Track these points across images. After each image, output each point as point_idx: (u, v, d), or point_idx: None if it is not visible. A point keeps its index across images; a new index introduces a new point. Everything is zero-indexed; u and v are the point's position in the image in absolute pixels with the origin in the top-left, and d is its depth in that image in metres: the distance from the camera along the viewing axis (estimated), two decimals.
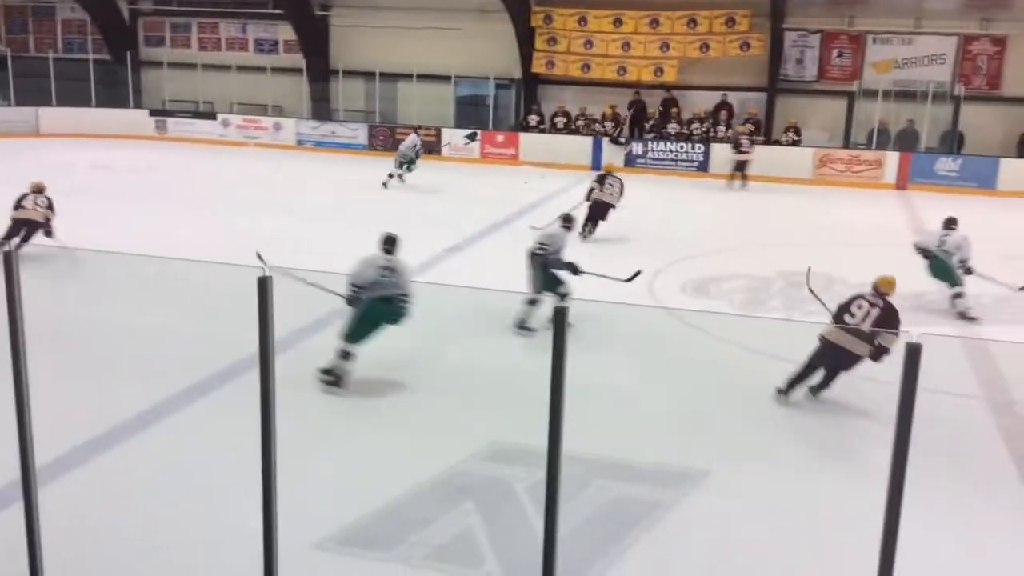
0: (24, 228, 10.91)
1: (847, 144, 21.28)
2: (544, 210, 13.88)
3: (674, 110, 22.30)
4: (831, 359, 7.00)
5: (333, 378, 7.08)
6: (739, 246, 13.40)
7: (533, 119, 22.97)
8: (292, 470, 4.26)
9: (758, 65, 21.70)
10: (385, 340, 7.20)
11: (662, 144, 21.81)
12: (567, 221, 9.31)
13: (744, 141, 19.62)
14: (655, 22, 22.00)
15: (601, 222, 13.69)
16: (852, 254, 12.99)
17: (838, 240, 13.96)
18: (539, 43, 23.06)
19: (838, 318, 7.08)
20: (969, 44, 20.72)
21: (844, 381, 7.11)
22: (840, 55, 21.65)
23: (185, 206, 15.17)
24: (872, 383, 6.88)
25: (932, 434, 6.66)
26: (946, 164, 19.96)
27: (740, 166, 19.45)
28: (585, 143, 22.05)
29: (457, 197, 17.55)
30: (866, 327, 6.83)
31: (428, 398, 7.16)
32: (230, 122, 24.94)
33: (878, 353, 6.74)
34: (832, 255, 12.69)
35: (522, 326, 8.60)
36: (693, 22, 21.69)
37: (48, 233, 10.95)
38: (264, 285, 3.48)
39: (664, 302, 10.21)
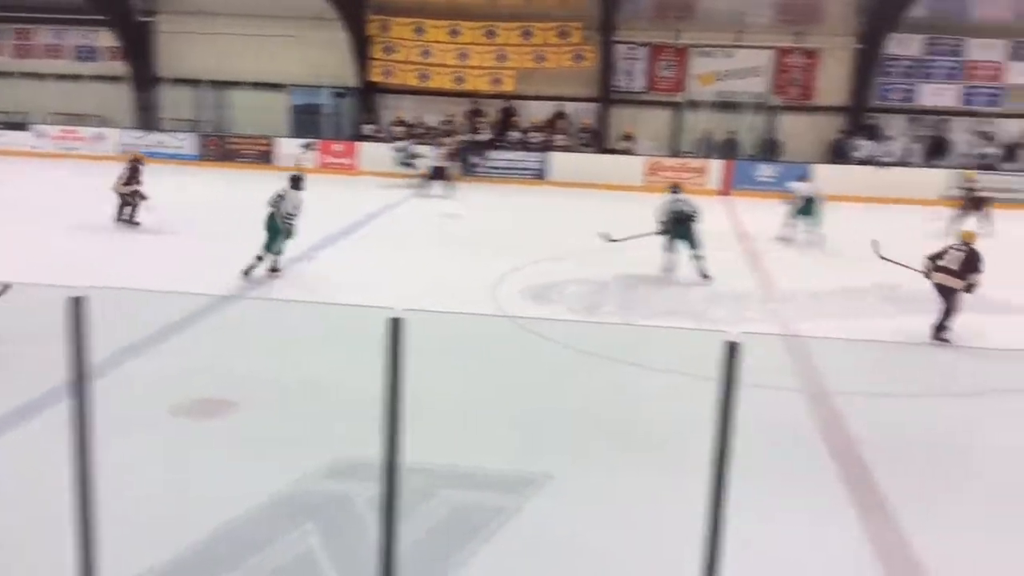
0: None
1: (675, 152, 22.23)
2: (383, 220, 13.76)
3: (513, 119, 22.67)
4: (940, 296, 9.20)
5: (247, 270, 10.70)
6: (576, 252, 13.73)
7: (370, 128, 22.78)
8: (118, 497, 4.02)
9: (591, 76, 22.35)
10: (219, 356, 6.94)
11: (502, 153, 22.11)
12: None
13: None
14: (491, 33, 22.29)
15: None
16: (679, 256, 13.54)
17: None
18: (376, 52, 22.91)
19: (935, 264, 9.38)
20: (784, 57, 22.07)
21: (690, 378, 7.39)
22: (667, 67, 22.59)
23: None
24: (709, 382, 7.17)
25: (754, 427, 7.04)
26: (765, 170, 21.18)
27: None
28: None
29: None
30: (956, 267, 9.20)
31: (264, 415, 6.95)
32: (45, 133, 23.47)
33: (969, 288, 9.06)
34: (664, 258, 13.19)
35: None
36: (528, 33, 22.11)
37: None
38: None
39: (505, 309, 10.32)
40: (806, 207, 15.12)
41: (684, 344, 8.44)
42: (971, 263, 9.24)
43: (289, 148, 22.75)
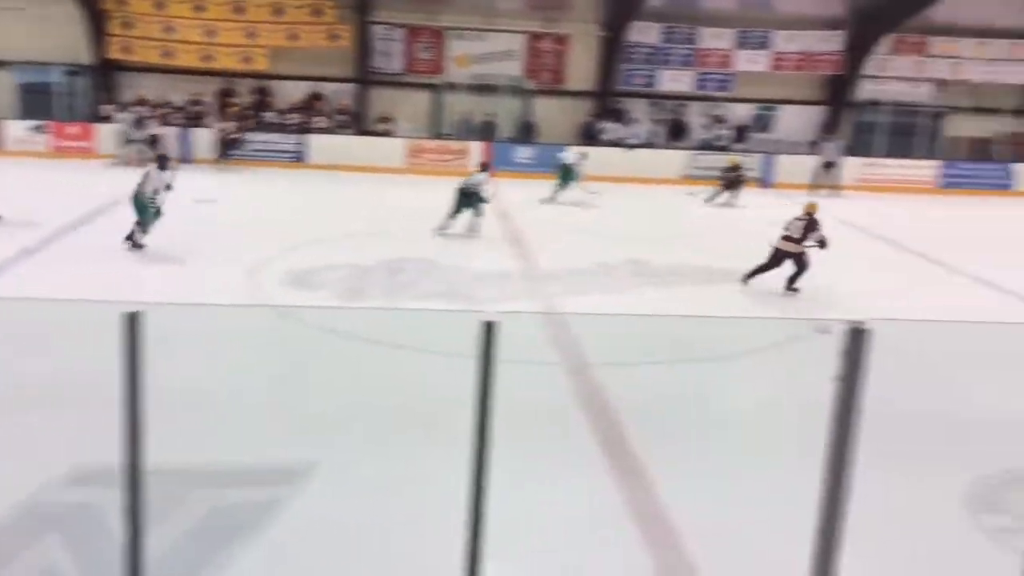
0: None
1: (435, 135, 22.36)
2: (124, 206, 12.78)
3: (268, 100, 21.86)
4: (779, 258, 11.22)
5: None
6: (339, 236, 13.48)
7: (109, 109, 21.15)
8: None
9: (347, 57, 21.97)
10: None
11: (258, 135, 21.27)
12: None
13: None
14: (239, 9, 21.32)
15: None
16: (446, 238, 13.68)
17: (431, 227, 14.60)
18: (113, 27, 21.26)
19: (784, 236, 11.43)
20: (536, 42, 22.74)
21: (454, 357, 7.44)
22: (425, 50, 22.63)
23: None
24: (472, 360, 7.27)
25: (518, 402, 7.23)
26: (523, 152, 21.80)
27: None
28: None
29: (26, 194, 15.62)
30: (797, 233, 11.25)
31: None
32: None
33: (819, 244, 11.18)
34: (428, 240, 13.27)
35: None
36: (279, 11, 21.36)
37: None
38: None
39: (264, 297, 9.95)
40: (565, 173, 17.91)
41: (448, 326, 8.50)
42: (810, 228, 11.22)
43: (16, 131, 20.71)
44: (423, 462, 6.06)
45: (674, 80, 22.85)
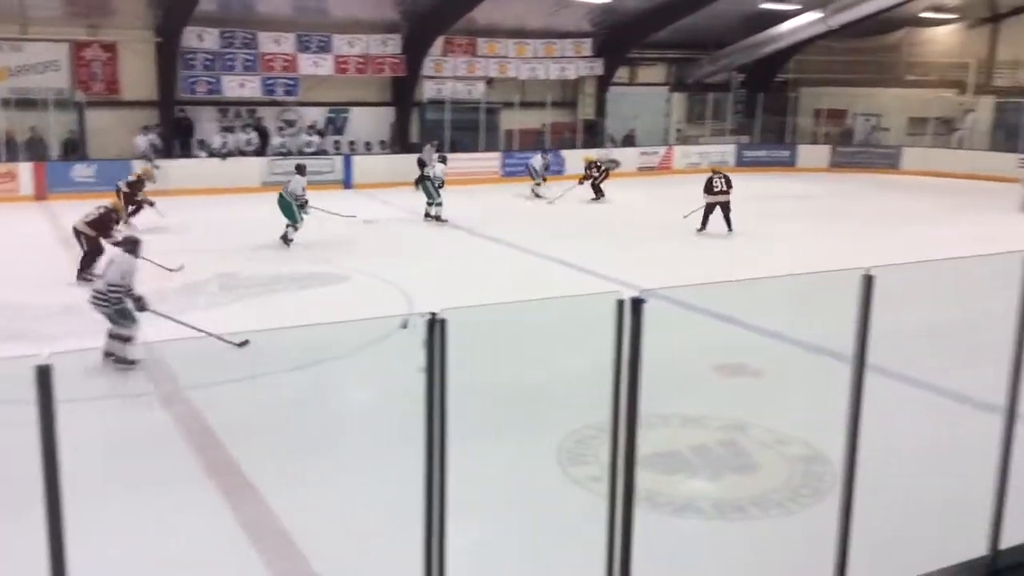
0: None
1: None
2: None
3: None
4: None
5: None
6: None
7: None
8: None
9: None
10: None
11: None
12: None
13: None
14: None
15: None
16: (2, 272, 12.17)
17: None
18: None
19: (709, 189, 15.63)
20: (82, 51, 20.86)
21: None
22: None
23: None
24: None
25: (119, 437, 6.68)
26: (81, 170, 19.92)
27: None
28: None
29: None
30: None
31: None
32: None
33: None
34: None
35: None
36: None
37: None
38: None
39: None
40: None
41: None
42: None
43: None
44: None
45: (241, 86, 22.32)
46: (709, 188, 16.34)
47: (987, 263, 4.52)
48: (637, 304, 3.10)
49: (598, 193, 20.87)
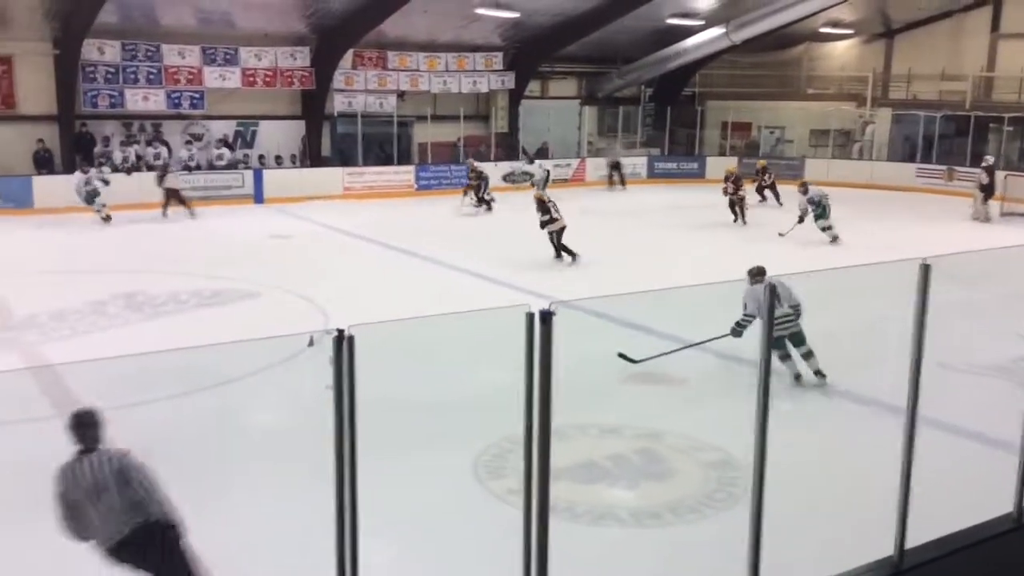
0: None
1: None
2: None
3: None
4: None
5: None
6: None
7: None
8: None
9: None
10: None
11: None
12: None
13: None
14: None
15: None
16: None
17: None
18: None
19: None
20: None
21: None
22: None
23: None
24: None
25: (24, 466, 6.37)
26: None
27: None
28: None
29: None
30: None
31: None
32: None
33: None
34: None
35: None
36: None
37: None
38: None
39: None
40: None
41: None
42: None
43: None
44: None
45: (145, 99, 21.69)
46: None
47: (884, 270, 4.68)
48: (546, 316, 3.11)
49: (764, 197, 22.05)
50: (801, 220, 16.75)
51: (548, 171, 23.89)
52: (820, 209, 16.72)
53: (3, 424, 6.88)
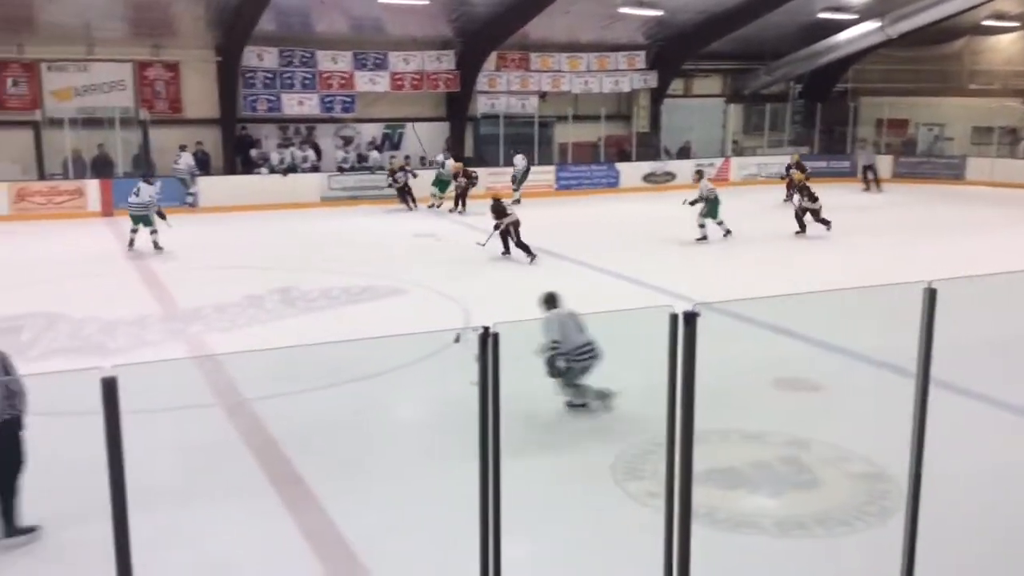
0: None
1: (42, 175, 20.27)
2: None
3: None
4: None
5: None
6: None
7: None
8: None
9: None
10: None
11: None
12: None
13: None
14: None
15: None
16: (73, 287, 12.50)
17: (51, 276, 13.25)
18: None
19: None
20: (145, 70, 21.41)
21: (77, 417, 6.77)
22: (16, 84, 20.39)
23: None
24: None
25: (176, 450, 6.81)
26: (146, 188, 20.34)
27: None
28: None
29: None
30: None
31: None
32: None
33: None
34: (49, 291, 12.09)
35: None
36: None
37: None
38: None
39: None
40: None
41: (74, 384, 7.75)
42: None
43: None
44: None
45: (300, 104, 22.70)
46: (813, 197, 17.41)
47: None
48: (690, 318, 3.07)
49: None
50: (694, 203, 16.68)
51: (528, 166, 22.80)
52: (710, 205, 16.66)
53: (169, 410, 7.32)
